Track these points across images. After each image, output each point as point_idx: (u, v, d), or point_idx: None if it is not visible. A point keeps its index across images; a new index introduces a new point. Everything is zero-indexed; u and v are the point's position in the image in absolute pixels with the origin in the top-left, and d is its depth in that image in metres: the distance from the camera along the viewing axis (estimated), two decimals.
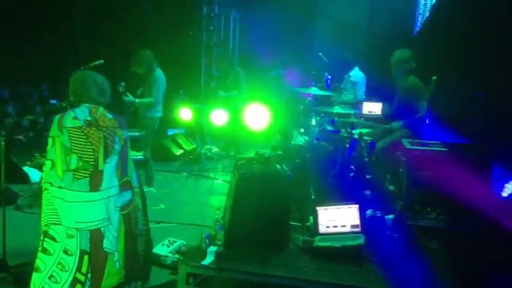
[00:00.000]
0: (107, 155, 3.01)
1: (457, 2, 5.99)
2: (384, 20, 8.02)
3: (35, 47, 8.70)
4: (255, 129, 7.34)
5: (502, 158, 4.16)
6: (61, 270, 2.85)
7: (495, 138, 4.68)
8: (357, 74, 7.28)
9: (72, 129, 2.95)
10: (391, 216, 4.29)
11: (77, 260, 2.87)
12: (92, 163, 2.95)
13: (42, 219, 2.92)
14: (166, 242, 4.14)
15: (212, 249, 3.40)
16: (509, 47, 4.84)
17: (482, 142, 4.75)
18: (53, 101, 8.23)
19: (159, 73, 6.12)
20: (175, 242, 4.16)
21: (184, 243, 4.15)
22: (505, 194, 4.37)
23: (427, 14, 7.52)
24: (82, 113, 3.03)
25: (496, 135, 4.76)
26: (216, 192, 6.51)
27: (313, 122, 5.54)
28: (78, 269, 2.87)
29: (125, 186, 3.11)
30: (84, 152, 2.94)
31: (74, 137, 2.94)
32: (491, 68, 5.14)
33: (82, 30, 9.61)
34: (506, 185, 4.37)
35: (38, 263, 2.87)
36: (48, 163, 2.93)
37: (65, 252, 2.86)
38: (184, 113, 7.88)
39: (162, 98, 6.19)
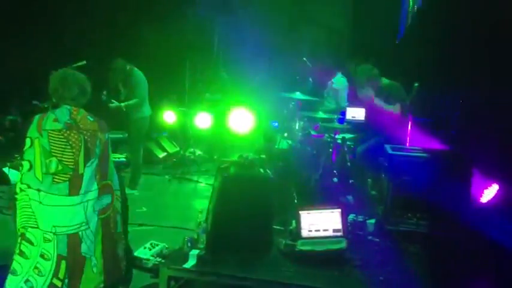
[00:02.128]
0: (87, 159, 2.98)
1: (439, 10, 6.09)
2: (367, 27, 8.11)
3: (17, 46, 8.59)
4: (239, 132, 7.35)
5: (481, 165, 4.24)
6: (37, 274, 2.81)
7: (475, 145, 4.76)
8: (339, 81, 7.32)
9: (52, 132, 2.91)
10: (372, 221, 4.33)
11: (54, 265, 2.83)
12: (71, 167, 2.91)
13: (18, 221, 2.87)
14: (148, 245, 4.10)
15: (194, 252, 3.38)
16: (489, 55, 4.93)
17: (462, 148, 4.83)
18: (34, 102, 8.13)
19: (137, 73, 6.12)
20: (157, 245, 4.12)
21: (166, 246, 4.12)
22: (484, 199, 4.45)
23: (410, 22, 7.62)
24: (62, 115, 2.98)
25: (476, 141, 4.84)
26: (198, 195, 6.49)
27: (297, 126, 5.57)
28: (55, 274, 2.83)
29: (104, 189, 3.08)
30: (64, 156, 2.90)
31: (54, 140, 2.90)
32: (472, 75, 5.23)
33: (66, 32, 9.52)
34: (485, 191, 4.45)
35: (15, 265, 2.83)
36: (25, 164, 2.89)
37: (42, 256, 2.82)
38: (168, 116, 7.86)
39: (147, 96, 6.19)
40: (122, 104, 5.96)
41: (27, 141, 2.91)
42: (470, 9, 5.22)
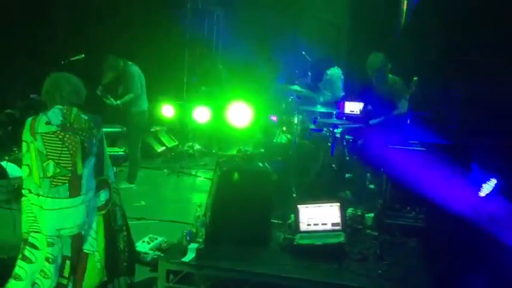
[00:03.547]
0: (85, 159, 2.95)
1: (439, 4, 6.07)
2: (366, 21, 8.08)
3: (15, 40, 8.55)
4: (238, 126, 7.35)
5: (480, 158, 4.24)
6: (44, 277, 2.82)
7: (474, 139, 4.76)
8: (333, 72, 7.27)
9: (46, 134, 2.84)
10: (371, 215, 4.33)
11: (58, 266, 2.86)
12: (69, 168, 2.87)
13: (22, 226, 2.88)
14: (146, 238, 4.12)
15: (193, 246, 3.39)
16: (488, 48, 4.92)
17: (461, 143, 4.83)
18: (33, 95, 8.10)
19: (132, 67, 6.11)
20: (155, 238, 4.13)
21: (165, 240, 4.13)
22: (482, 194, 4.45)
23: (409, 15, 7.60)
24: (55, 116, 2.90)
25: (475, 136, 4.84)
26: (197, 189, 6.49)
27: (296, 120, 5.56)
28: (61, 274, 2.87)
29: (101, 185, 3.08)
30: (61, 158, 2.85)
31: (49, 142, 2.84)
32: (471, 69, 5.22)
33: (63, 25, 9.48)
34: (484, 185, 4.45)
35: (18, 270, 2.82)
36: (25, 169, 2.85)
37: (47, 260, 2.83)
38: (167, 110, 7.85)
39: (143, 90, 6.18)
40: (119, 102, 5.96)
41: (24, 145, 2.85)
42: (470, 3, 5.21)
